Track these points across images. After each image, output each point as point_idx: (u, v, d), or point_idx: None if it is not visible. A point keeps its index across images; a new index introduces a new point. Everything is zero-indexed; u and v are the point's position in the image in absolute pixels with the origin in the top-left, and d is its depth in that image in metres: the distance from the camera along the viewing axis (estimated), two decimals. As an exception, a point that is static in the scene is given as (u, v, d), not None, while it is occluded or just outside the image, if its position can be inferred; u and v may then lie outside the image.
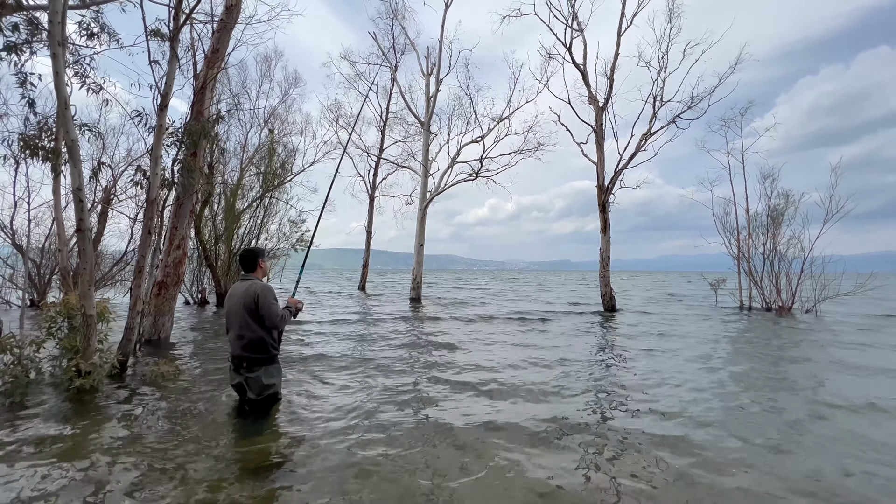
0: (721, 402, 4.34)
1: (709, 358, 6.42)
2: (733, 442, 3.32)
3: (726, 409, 4.13)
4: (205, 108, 6.88)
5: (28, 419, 3.46)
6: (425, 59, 17.32)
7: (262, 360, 3.44)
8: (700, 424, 3.68)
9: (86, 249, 4.35)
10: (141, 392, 4.26)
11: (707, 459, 2.99)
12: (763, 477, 2.75)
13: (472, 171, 16.43)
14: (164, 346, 6.55)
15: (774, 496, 2.52)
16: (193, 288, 13.73)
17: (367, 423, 3.58)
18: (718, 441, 3.32)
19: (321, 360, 5.94)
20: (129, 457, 2.85)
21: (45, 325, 4.51)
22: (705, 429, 3.58)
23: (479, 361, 6.04)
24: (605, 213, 12.82)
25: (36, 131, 4.73)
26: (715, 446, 3.22)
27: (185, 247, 7.18)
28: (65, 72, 4.17)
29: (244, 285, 3.45)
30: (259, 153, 14.71)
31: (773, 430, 3.57)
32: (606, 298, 13.07)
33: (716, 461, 2.96)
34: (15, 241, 10.78)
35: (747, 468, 2.87)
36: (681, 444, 3.23)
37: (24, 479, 2.53)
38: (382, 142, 22.76)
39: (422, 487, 2.56)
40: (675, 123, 12.69)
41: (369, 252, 23.49)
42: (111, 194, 11.30)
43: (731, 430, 3.54)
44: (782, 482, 2.68)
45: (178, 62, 5.31)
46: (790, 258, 12.93)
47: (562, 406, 4.13)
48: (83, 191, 4.27)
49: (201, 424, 3.46)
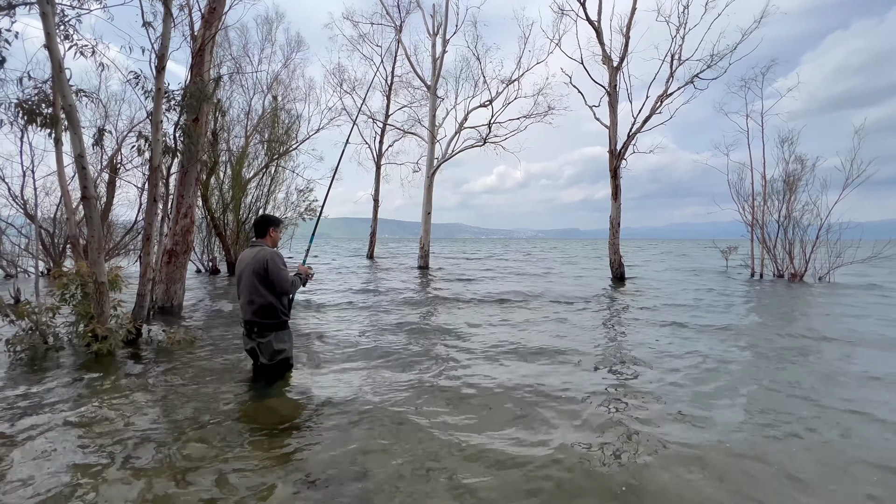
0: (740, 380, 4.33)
1: (723, 328, 6.39)
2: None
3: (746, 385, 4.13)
4: (204, 72, 6.66)
5: (48, 382, 3.57)
6: (431, 18, 16.54)
7: (272, 326, 3.47)
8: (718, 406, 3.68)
9: (92, 217, 4.34)
10: (155, 357, 4.37)
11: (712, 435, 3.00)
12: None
13: (480, 137, 16.00)
14: (176, 313, 6.68)
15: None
16: (204, 256, 13.90)
17: (377, 384, 3.64)
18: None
19: (333, 326, 6.02)
20: (146, 417, 2.93)
21: (59, 293, 4.58)
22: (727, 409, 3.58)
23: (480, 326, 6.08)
24: (617, 179, 12.50)
25: (33, 97, 4.63)
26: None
27: (192, 215, 7.17)
28: (55, 32, 4.01)
29: (253, 251, 3.44)
30: (263, 120, 14.45)
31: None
32: (615, 266, 12.97)
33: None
34: (27, 211, 10.88)
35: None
36: (689, 418, 3.25)
37: (47, 440, 2.62)
38: (388, 107, 22.16)
39: (430, 446, 2.61)
40: (693, 84, 12.07)
41: (377, 221, 23.43)
42: (117, 163, 11.25)
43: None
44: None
45: (174, 21, 5.09)
46: (805, 225, 12.63)
47: (579, 375, 4.16)
48: (85, 158, 4.21)
49: (215, 387, 3.54)
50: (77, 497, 2.06)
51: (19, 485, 2.14)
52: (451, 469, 2.39)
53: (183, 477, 2.25)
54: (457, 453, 2.56)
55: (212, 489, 2.16)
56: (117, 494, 2.09)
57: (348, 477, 2.29)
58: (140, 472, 2.27)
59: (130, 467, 2.32)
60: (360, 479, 2.27)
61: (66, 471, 2.27)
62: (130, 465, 2.34)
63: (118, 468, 2.31)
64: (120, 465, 2.34)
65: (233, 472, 2.30)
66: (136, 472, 2.27)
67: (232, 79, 13.84)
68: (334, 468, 2.37)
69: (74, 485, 2.15)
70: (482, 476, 2.32)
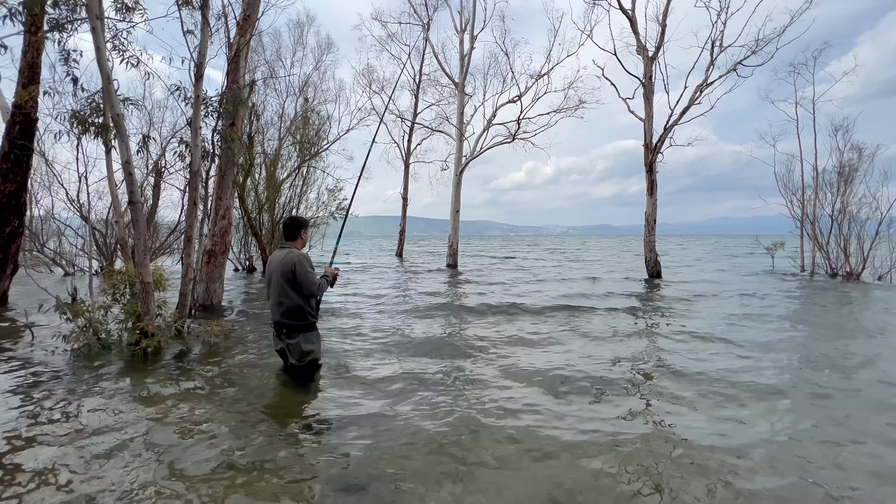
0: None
1: (771, 332, 6.02)
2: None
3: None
4: (240, 77, 6.89)
5: (102, 377, 3.80)
6: (458, 14, 16.44)
7: (300, 327, 3.54)
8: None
9: (138, 220, 4.58)
10: (196, 353, 4.56)
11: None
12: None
13: (509, 133, 15.78)
14: (216, 311, 6.96)
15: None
16: (241, 255, 14.46)
17: (408, 384, 3.65)
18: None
19: (364, 324, 6.11)
20: (186, 410, 3.07)
21: (110, 292, 4.86)
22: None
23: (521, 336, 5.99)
24: (653, 173, 12.03)
25: (86, 107, 4.92)
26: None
27: (230, 216, 7.44)
28: (105, 46, 4.24)
29: (282, 253, 3.52)
30: (295, 122, 14.83)
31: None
32: (651, 264, 12.52)
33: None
34: (82, 213, 11.67)
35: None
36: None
37: (106, 424, 2.79)
38: (416, 106, 22.25)
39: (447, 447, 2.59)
40: (735, 71, 11.44)
41: (406, 219, 23.64)
42: (161, 167, 11.87)
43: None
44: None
45: (210, 30, 5.28)
46: (863, 219, 11.73)
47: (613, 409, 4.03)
48: (132, 164, 4.43)
49: (252, 384, 3.66)
50: (126, 474, 2.17)
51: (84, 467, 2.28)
52: (481, 477, 2.36)
53: (217, 469, 2.33)
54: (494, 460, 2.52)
55: (246, 485, 2.22)
56: (150, 478, 2.18)
57: (382, 479, 2.30)
58: (177, 461, 2.37)
59: (170, 456, 2.43)
60: (394, 481, 2.28)
61: (115, 451, 2.40)
62: (170, 453, 2.45)
63: (158, 456, 2.42)
64: (160, 453, 2.46)
65: (266, 468, 2.36)
66: (174, 460, 2.37)
67: (266, 83, 14.29)
68: (368, 469, 2.39)
69: (125, 464, 2.27)
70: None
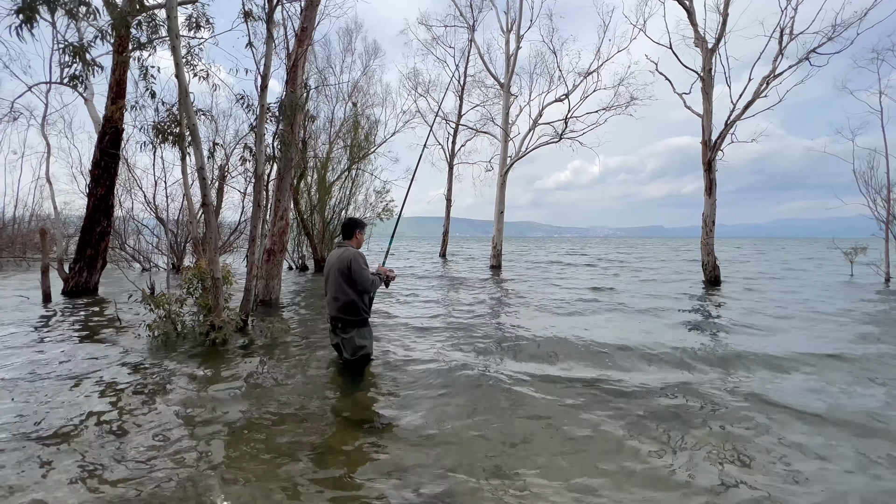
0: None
1: (849, 354, 5.50)
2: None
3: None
4: (297, 86, 7.31)
5: (179, 362, 4.19)
6: (505, 15, 16.40)
7: (354, 323, 3.72)
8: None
9: (210, 221, 4.99)
10: (258, 346, 4.90)
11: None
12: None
13: (556, 133, 15.49)
14: (275, 306, 7.42)
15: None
16: (295, 254, 15.25)
17: (455, 383, 3.72)
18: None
19: (411, 324, 6.27)
20: (248, 401, 3.32)
21: (185, 286, 5.33)
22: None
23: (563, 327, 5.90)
24: (711, 172, 11.32)
25: (165, 119, 5.45)
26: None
27: (288, 217, 7.90)
28: (182, 63, 4.66)
29: (339, 251, 3.74)
30: (345, 126, 15.44)
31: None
32: (709, 269, 11.79)
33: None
34: (158, 215, 12.83)
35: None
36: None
37: (180, 402, 3.08)
38: (461, 107, 22.41)
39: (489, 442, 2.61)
40: (808, 60, 10.53)
41: (449, 220, 23.83)
42: (225, 171, 12.79)
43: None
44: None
45: (274, 43, 5.64)
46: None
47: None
48: (205, 169, 4.85)
49: (310, 376, 3.88)
50: (187, 457, 2.40)
51: (150, 443, 2.55)
52: (524, 483, 2.37)
53: (272, 460, 2.48)
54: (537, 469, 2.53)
55: (296, 477, 2.33)
56: (209, 462, 2.39)
57: (432, 478, 2.37)
58: (233, 449, 2.58)
59: (228, 443, 2.64)
60: (444, 480, 2.34)
61: (180, 434, 2.66)
62: (228, 440, 2.67)
63: (219, 443, 2.65)
64: (221, 439, 2.68)
65: (318, 461, 2.50)
66: (230, 449, 2.58)
67: (318, 90, 14.99)
68: (417, 467, 2.46)
69: (187, 446, 2.51)
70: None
